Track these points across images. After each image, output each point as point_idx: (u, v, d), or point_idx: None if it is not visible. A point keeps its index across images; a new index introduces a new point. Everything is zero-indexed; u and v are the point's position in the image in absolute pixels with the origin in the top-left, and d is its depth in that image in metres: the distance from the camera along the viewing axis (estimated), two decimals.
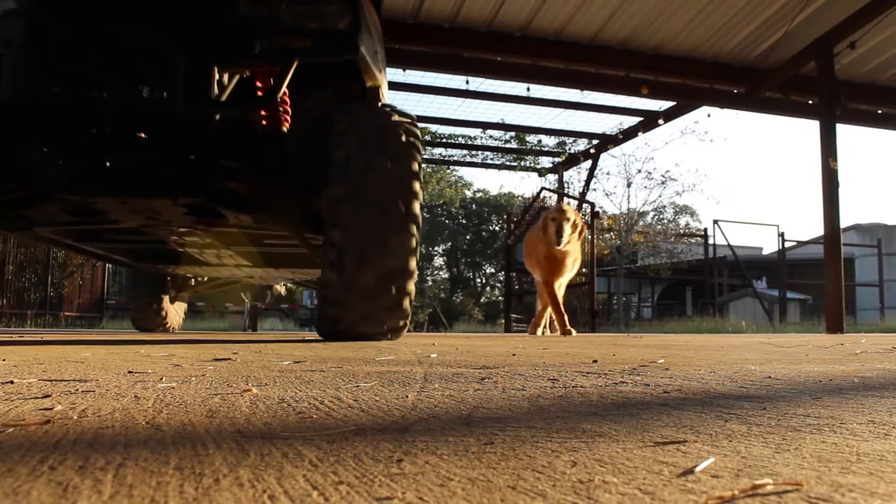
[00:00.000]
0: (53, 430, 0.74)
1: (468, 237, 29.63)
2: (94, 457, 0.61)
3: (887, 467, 0.60)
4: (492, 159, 16.17)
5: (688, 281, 19.91)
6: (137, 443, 0.68)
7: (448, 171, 23.61)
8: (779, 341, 4.08)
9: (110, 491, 0.51)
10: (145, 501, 0.48)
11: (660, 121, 12.21)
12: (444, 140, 14.96)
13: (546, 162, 16.02)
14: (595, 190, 17.30)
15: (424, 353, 2.17)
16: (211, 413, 0.88)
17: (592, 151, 14.63)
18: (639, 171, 17.34)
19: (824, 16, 8.30)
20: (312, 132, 3.47)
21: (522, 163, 16.05)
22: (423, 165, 4.08)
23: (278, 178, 3.22)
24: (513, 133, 14.94)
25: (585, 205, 12.69)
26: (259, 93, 3.16)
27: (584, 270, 10.73)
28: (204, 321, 15.72)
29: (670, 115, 12.00)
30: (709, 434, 0.77)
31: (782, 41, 8.80)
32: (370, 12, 3.39)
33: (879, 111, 11.03)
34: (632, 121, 12.90)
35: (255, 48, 2.93)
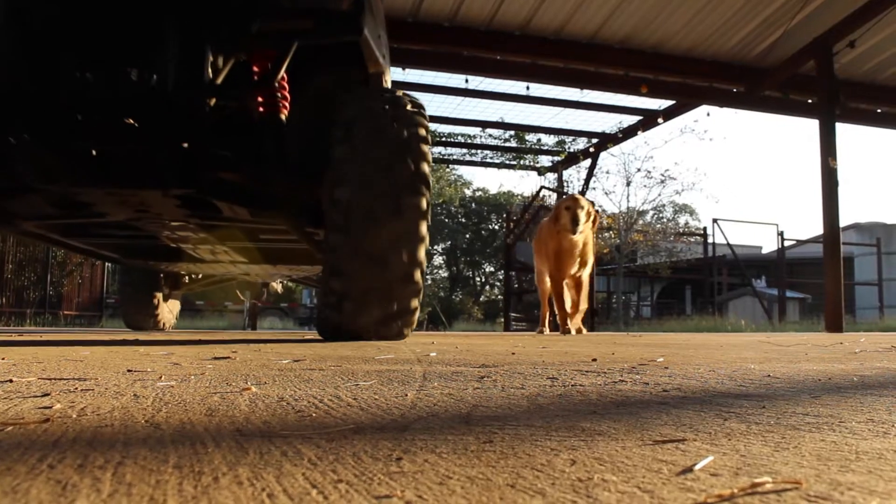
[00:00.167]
0: (52, 429, 0.74)
1: (468, 236, 29.64)
2: (93, 455, 0.61)
3: (886, 465, 0.61)
4: (491, 158, 16.17)
5: (687, 280, 19.92)
6: (136, 441, 0.68)
7: (447, 170, 23.63)
8: (778, 340, 4.08)
9: (109, 489, 0.51)
10: (144, 500, 0.48)
11: (659, 120, 12.21)
12: (444, 139, 14.96)
13: (545, 161, 16.02)
14: (594, 189, 17.29)
15: (424, 352, 2.17)
16: (210, 411, 0.88)
17: (592, 150, 14.63)
18: (638, 170, 17.32)
19: (824, 15, 8.31)
20: (313, 120, 3.29)
21: (522, 161, 16.05)
22: None
23: (276, 169, 3.06)
24: (512, 132, 14.93)
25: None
26: (256, 78, 2.99)
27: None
28: (203, 320, 15.72)
29: (670, 114, 12.00)
30: (708, 432, 0.77)
31: (782, 40, 8.80)
32: None
33: (879, 110, 11.03)
34: (631, 120, 12.90)
35: (253, 29, 2.77)
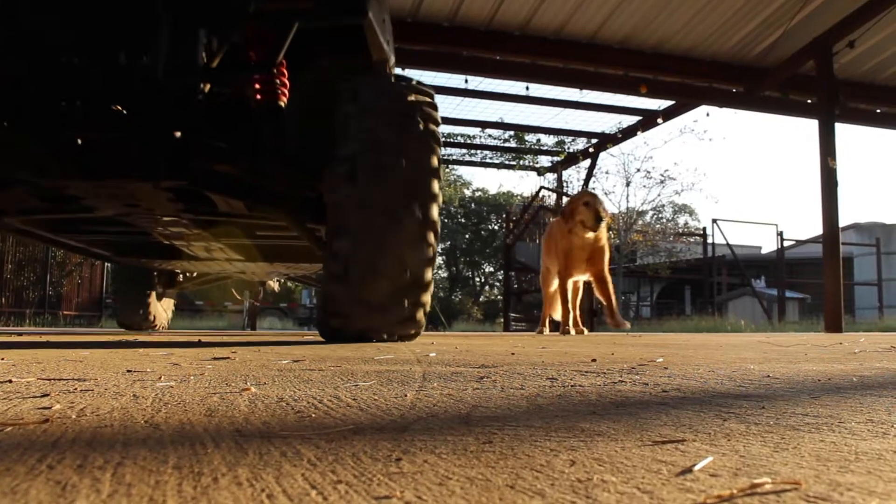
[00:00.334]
0: (52, 429, 0.74)
1: (467, 236, 29.65)
2: (93, 456, 0.61)
3: (885, 466, 0.61)
4: (491, 158, 16.17)
5: (687, 280, 19.92)
6: (136, 442, 0.68)
7: (447, 170, 23.61)
8: (777, 340, 4.08)
9: (109, 490, 0.51)
10: (144, 500, 0.48)
11: (659, 120, 12.21)
12: (443, 139, 14.93)
13: (545, 161, 16.02)
14: (594, 189, 17.31)
15: (423, 352, 2.17)
16: (210, 412, 0.88)
17: (591, 150, 14.63)
18: (638, 171, 17.33)
19: (823, 15, 8.31)
20: (314, 109, 3.12)
21: (521, 162, 16.04)
22: None
23: (275, 160, 2.89)
24: (512, 132, 14.93)
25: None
26: (253, 62, 2.82)
27: None
28: (203, 320, 15.72)
29: (669, 115, 12.00)
30: (707, 433, 0.77)
31: (781, 40, 8.80)
32: None
33: (878, 110, 11.03)
34: (631, 120, 12.90)
35: (250, 9, 2.60)
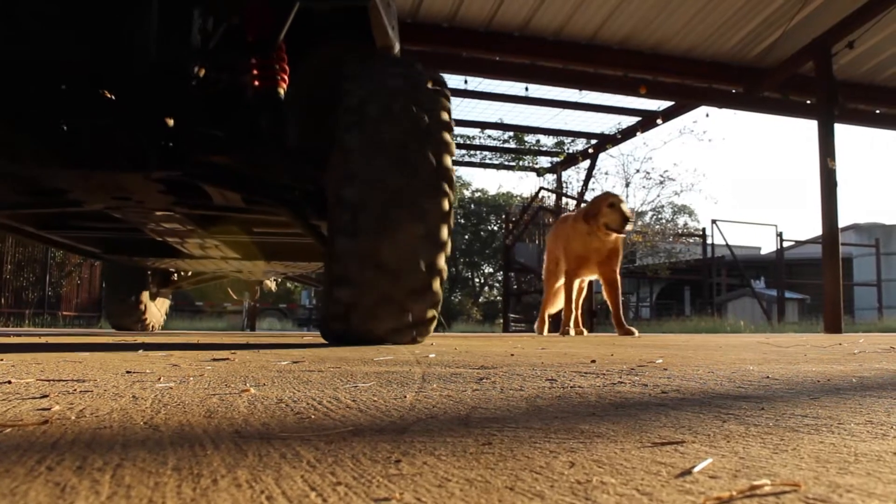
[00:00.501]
0: (51, 431, 0.74)
1: (466, 237, 29.64)
2: (92, 457, 0.61)
3: (885, 468, 0.61)
4: (490, 159, 16.18)
5: (686, 281, 19.92)
6: (135, 443, 0.68)
7: None
8: (777, 341, 4.08)
9: (108, 492, 0.51)
10: (143, 502, 0.48)
11: (658, 121, 12.22)
12: None
13: (545, 162, 16.03)
14: (594, 190, 17.24)
15: (423, 353, 2.17)
16: (209, 413, 0.88)
17: (591, 151, 14.64)
18: (637, 171, 17.35)
19: (822, 15, 8.32)
20: (316, 97, 2.97)
21: (521, 163, 16.05)
22: None
23: (274, 150, 2.73)
24: (511, 133, 14.94)
25: (583, 205, 12.69)
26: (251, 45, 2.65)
27: None
28: (202, 321, 15.72)
29: (669, 115, 12.01)
30: (707, 434, 0.77)
31: (780, 41, 8.80)
32: None
33: (877, 111, 11.04)
34: (630, 121, 12.90)
35: None
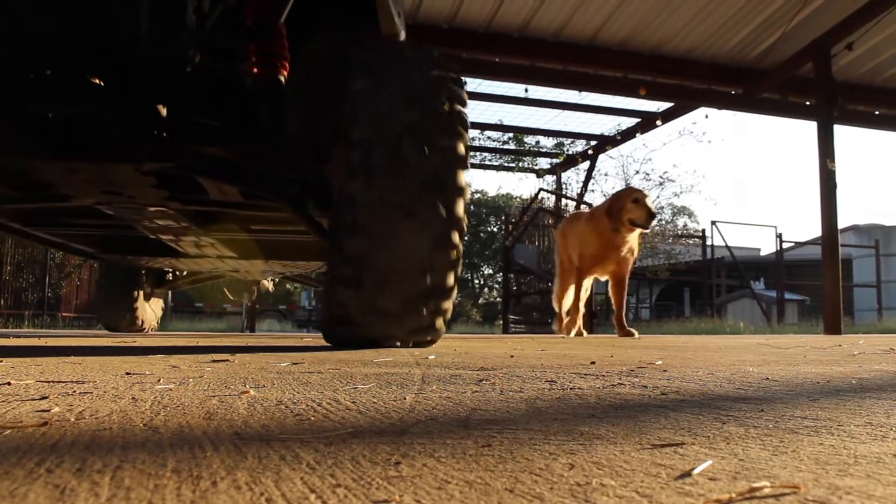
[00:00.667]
0: (51, 432, 0.74)
1: (466, 238, 29.62)
2: (92, 459, 0.61)
3: (884, 470, 0.61)
4: (490, 160, 16.18)
5: (686, 282, 19.92)
6: (135, 445, 0.68)
7: None
8: (776, 342, 4.08)
9: (108, 494, 0.51)
10: None
11: (658, 122, 12.23)
12: None
13: (544, 163, 16.04)
14: (593, 191, 17.30)
15: (422, 355, 2.17)
16: (209, 415, 0.88)
17: (590, 152, 14.65)
18: (637, 173, 17.39)
19: (822, 17, 8.32)
20: (318, 84, 2.86)
21: (520, 164, 16.06)
22: None
23: (274, 141, 2.61)
24: (511, 134, 14.95)
25: (583, 206, 12.70)
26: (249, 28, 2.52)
27: None
28: (202, 322, 15.71)
29: (668, 117, 12.01)
30: (706, 436, 0.77)
31: (780, 42, 8.81)
32: None
33: (877, 112, 11.05)
34: (630, 122, 12.91)
35: None
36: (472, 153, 15.65)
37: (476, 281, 30.87)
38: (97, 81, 2.24)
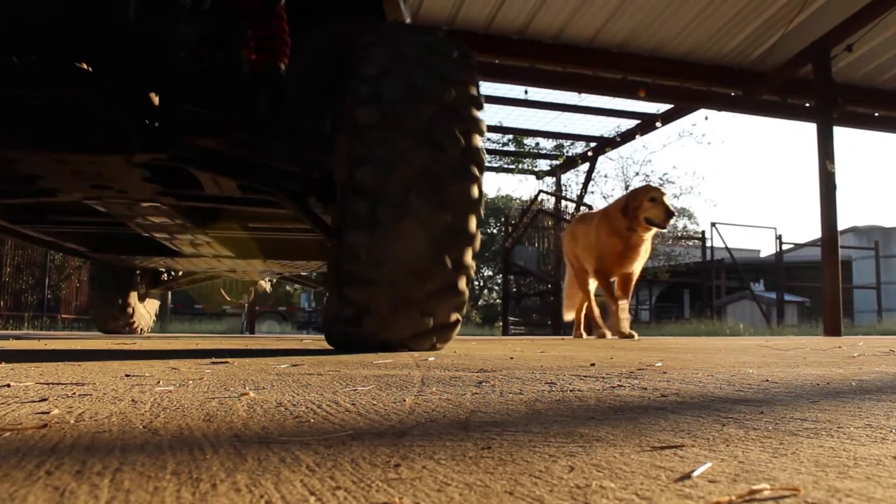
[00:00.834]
0: (50, 434, 0.74)
1: None
2: (91, 461, 0.61)
3: (884, 472, 0.61)
4: (489, 162, 16.17)
5: (685, 283, 19.93)
6: (134, 447, 0.68)
7: None
8: (776, 344, 4.08)
9: (107, 496, 0.51)
10: None
11: (657, 123, 12.23)
12: None
13: (544, 165, 16.05)
14: (593, 193, 17.33)
15: (422, 357, 2.17)
16: (208, 417, 0.88)
17: (590, 154, 14.65)
18: (636, 174, 17.37)
19: (821, 18, 8.33)
20: (321, 72, 2.71)
21: (520, 165, 16.07)
22: None
23: (274, 132, 2.44)
24: (510, 136, 14.96)
25: (583, 207, 12.70)
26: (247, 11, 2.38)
27: None
28: (201, 323, 15.70)
29: (668, 118, 12.02)
30: (706, 438, 0.77)
31: (779, 44, 8.82)
32: None
33: (876, 114, 11.06)
34: (629, 123, 12.92)
35: None
36: None
37: (476, 282, 30.87)
38: (84, 66, 2.07)
